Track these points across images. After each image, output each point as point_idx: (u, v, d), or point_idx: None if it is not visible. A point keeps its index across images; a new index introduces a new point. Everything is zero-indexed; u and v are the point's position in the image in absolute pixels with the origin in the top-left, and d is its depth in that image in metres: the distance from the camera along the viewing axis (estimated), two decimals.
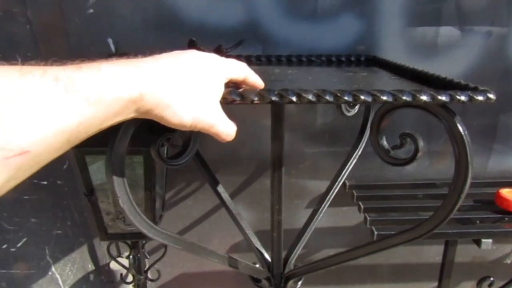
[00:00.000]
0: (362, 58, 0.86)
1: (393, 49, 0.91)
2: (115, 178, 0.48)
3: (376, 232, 0.85)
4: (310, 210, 0.91)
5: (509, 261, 0.90)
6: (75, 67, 0.33)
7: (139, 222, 0.52)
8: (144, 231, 0.53)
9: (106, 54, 0.85)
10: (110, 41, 0.85)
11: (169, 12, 0.85)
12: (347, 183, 1.03)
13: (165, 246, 1.05)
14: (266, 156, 0.73)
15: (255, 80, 0.51)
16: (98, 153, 0.78)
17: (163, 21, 0.85)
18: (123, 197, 0.49)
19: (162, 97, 0.38)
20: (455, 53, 0.92)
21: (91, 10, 0.84)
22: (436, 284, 1.00)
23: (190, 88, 0.40)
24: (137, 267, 0.97)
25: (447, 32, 0.90)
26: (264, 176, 1.05)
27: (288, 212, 1.10)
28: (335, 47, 0.91)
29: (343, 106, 0.86)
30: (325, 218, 1.12)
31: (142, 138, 0.59)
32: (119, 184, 0.49)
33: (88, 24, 0.85)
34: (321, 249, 1.17)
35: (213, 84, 0.43)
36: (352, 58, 0.86)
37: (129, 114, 0.37)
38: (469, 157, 0.49)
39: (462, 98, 0.46)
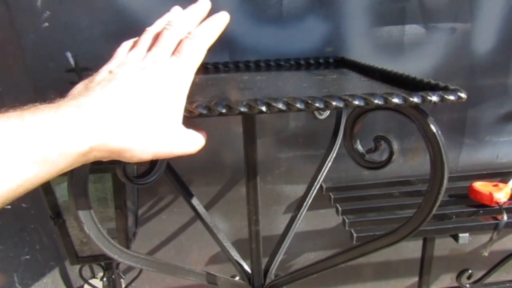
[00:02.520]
0: (331, 60, 0.85)
1: (361, 49, 0.91)
2: (78, 203, 0.45)
3: (355, 235, 0.84)
4: (288, 216, 0.89)
5: (486, 253, 0.91)
6: (16, 118, 0.29)
7: (108, 247, 0.49)
8: (114, 256, 0.50)
9: (65, 69, 0.81)
10: (69, 55, 0.81)
11: (129, 22, 0.82)
12: (324, 186, 1.03)
13: None
14: (240, 163, 0.72)
15: (212, 31, 0.46)
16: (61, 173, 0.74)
17: (124, 32, 0.82)
18: (88, 223, 0.46)
19: (115, 145, 0.34)
20: (421, 51, 0.92)
21: (46, 24, 0.79)
22: (416, 279, 1.00)
23: (146, 123, 0.36)
24: None
25: (412, 30, 0.91)
26: (239, 184, 1.03)
27: (267, 219, 1.08)
28: (303, 50, 0.90)
29: None
30: (303, 222, 1.11)
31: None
32: (83, 210, 0.46)
33: (44, 39, 0.80)
34: (302, 253, 1.16)
35: (174, 104, 0.39)
36: (321, 61, 0.85)
37: (79, 164, 0.34)
38: (444, 157, 0.49)
39: (434, 98, 0.46)
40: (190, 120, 0.44)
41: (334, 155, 0.90)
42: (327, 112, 0.89)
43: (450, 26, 0.91)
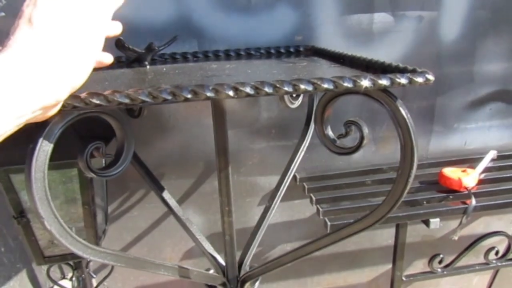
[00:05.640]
0: (301, 49, 0.85)
1: (331, 38, 0.90)
2: (37, 198, 0.43)
3: (329, 223, 0.84)
4: (263, 207, 0.89)
5: (456, 237, 0.92)
6: None
7: (71, 243, 0.47)
8: (79, 252, 0.48)
9: None
10: None
11: None
12: (298, 176, 1.02)
13: None
14: (212, 156, 0.70)
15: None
16: (23, 170, 0.70)
17: None
18: (49, 218, 0.44)
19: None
20: (390, 39, 0.93)
21: (3, 14, 0.75)
22: (391, 266, 1.01)
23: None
24: None
25: (381, 18, 0.91)
26: (212, 177, 1.02)
27: (241, 211, 1.07)
28: (273, 39, 0.89)
29: (286, 98, 0.84)
30: (278, 213, 1.11)
31: (74, 150, 0.54)
32: (42, 204, 0.43)
33: (1, 28, 0.76)
34: (277, 245, 1.16)
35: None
36: (291, 49, 0.84)
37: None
38: (413, 140, 0.49)
39: (402, 81, 0.45)
40: None
41: (307, 144, 0.90)
42: (299, 101, 0.88)
43: (418, 14, 0.92)
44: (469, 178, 0.93)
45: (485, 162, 1.01)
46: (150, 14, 0.81)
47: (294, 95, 0.86)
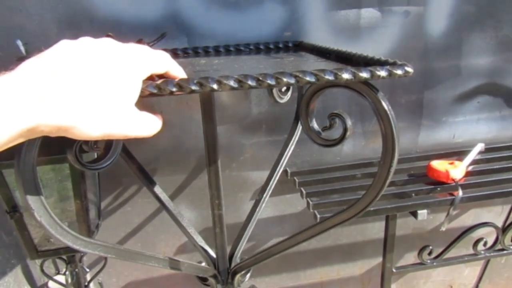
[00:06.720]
0: (290, 44, 0.86)
1: (319, 33, 0.92)
2: (27, 189, 0.44)
3: (318, 216, 0.85)
4: None
5: (444, 228, 0.94)
6: None
7: (62, 234, 0.48)
8: (69, 243, 0.49)
9: (16, 58, 0.78)
10: (19, 43, 0.78)
11: (82, 8, 0.79)
12: (289, 170, 1.04)
13: (105, 257, 0.99)
14: (203, 151, 0.71)
15: (177, 73, 0.47)
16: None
17: (77, 18, 0.79)
18: (39, 210, 0.45)
19: (62, 122, 0.34)
20: (378, 34, 0.94)
21: None
22: (381, 258, 1.03)
23: (97, 101, 0.36)
24: (76, 283, 0.90)
25: (368, 13, 0.92)
26: (204, 172, 1.03)
27: (233, 206, 1.08)
28: (263, 35, 0.90)
29: (275, 93, 0.85)
30: (270, 207, 1.12)
31: (64, 144, 0.55)
32: (32, 196, 0.44)
33: None
34: (269, 239, 1.17)
35: (127, 86, 0.38)
36: (280, 45, 0.85)
37: (25, 139, 0.34)
38: (394, 131, 0.50)
39: (382, 73, 0.47)
40: (146, 103, 0.43)
41: (297, 139, 0.91)
42: (288, 96, 0.89)
43: (404, 9, 0.93)
44: (457, 170, 0.94)
45: (472, 155, 1.03)
46: (139, 10, 0.82)
47: (283, 90, 0.87)
